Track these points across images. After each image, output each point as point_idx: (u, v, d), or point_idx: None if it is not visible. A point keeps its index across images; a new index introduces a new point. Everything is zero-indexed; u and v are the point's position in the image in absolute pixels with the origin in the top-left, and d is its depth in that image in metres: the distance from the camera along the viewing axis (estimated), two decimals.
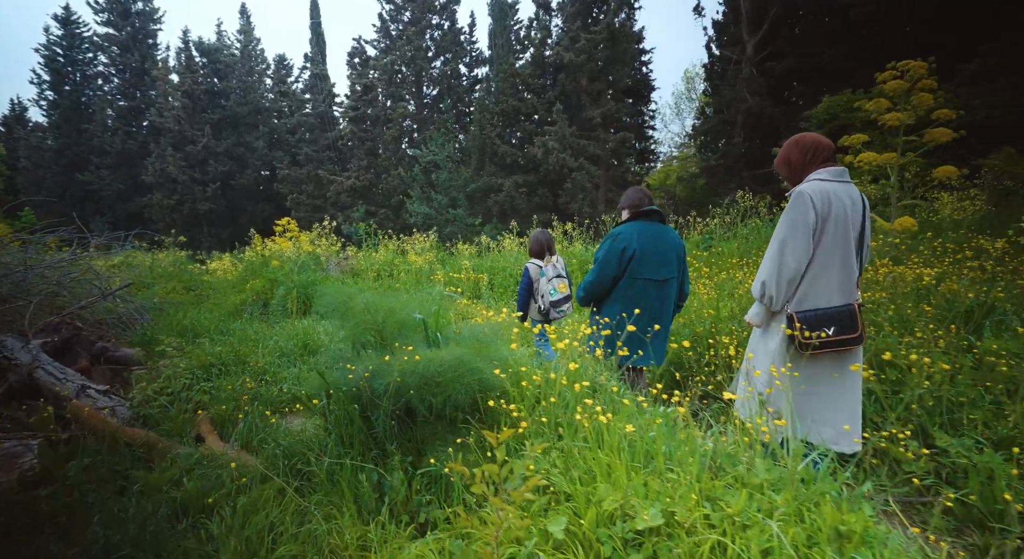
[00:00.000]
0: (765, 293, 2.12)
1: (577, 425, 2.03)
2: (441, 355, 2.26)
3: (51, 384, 3.73)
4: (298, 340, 5.10)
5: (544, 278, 3.96)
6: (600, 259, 2.91)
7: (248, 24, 30.06)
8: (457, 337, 2.74)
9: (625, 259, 2.84)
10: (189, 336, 5.55)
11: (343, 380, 2.49)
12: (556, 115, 15.73)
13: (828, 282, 2.06)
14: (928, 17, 11.83)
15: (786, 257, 2.05)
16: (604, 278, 2.90)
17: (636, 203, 2.99)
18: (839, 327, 2.01)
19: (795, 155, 2.15)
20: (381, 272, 8.50)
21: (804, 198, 2.01)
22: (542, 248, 4.08)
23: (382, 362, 2.31)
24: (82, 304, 4.96)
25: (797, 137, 2.19)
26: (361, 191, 19.69)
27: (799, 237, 2.02)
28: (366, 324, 2.58)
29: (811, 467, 1.70)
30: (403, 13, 19.89)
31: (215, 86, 25.04)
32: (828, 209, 2.00)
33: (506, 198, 16.89)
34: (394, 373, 2.19)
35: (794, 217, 2.03)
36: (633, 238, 2.85)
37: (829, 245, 2.03)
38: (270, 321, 7.37)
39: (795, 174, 2.17)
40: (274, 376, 4.28)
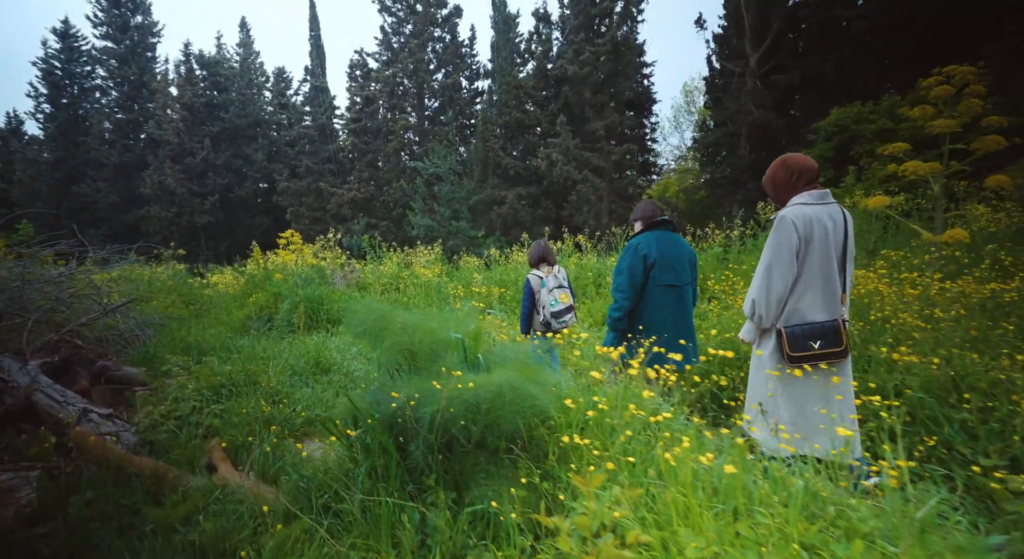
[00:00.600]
0: (755, 312, 2.27)
1: (653, 460, 1.83)
2: (491, 380, 2.05)
3: (50, 408, 3.49)
4: (309, 358, 4.87)
5: (545, 289, 3.95)
6: (625, 270, 3.01)
7: (248, 37, 30.16)
8: (495, 358, 2.53)
9: (647, 267, 2.97)
10: (194, 354, 5.31)
11: (379, 406, 2.28)
12: (560, 127, 15.68)
13: (813, 300, 2.20)
14: (931, 22, 11.89)
15: (773, 279, 2.19)
16: (634, 288, 3.00)
17: (649, 214, 3.12)
18: (824, 341, 2.16)
19: (781, 176, 2.29)
20: (388, 286, 8.29)
21: (787, 223, 2.16)
22: (542, 259, 4.08)
23: (428, 388, 2.10)
24: (83, 321, 4.72)
25: (784, 158, 2.32)
26: (362, 203, 19.53)
27: (784, 260, 2.17)
28: (402, 345, 2.37)
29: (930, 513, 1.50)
30: (405, 26, 19.94)
31: (215, 98, 24.98)
32: (811, 232, 2.14)
33: (509, 210, 16.77)
34: (442, 400, 1.98)
35: (779, 241, 2.17)
36: (652, 247, 2.97)
37: (812, 265, 2.17)
38: (276, 337, 7.13)
39: (780, 194, 2.31)
40: (287, 397, 4.05)
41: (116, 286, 9.45)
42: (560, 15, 18.86)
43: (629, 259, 3.01)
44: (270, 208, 27.15)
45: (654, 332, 2.90)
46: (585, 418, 2.36)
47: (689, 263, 3.12)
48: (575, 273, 7.79)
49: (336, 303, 7.65)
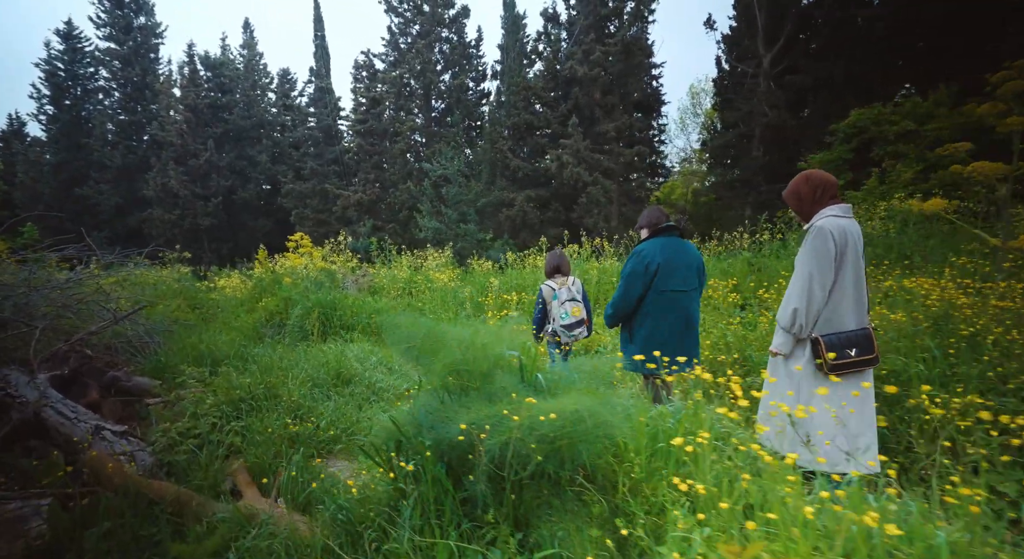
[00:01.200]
0: (795, 321, 2.28)
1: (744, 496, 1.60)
2: (564, 405, 1.81)
3: (60, 425, 3.26)
4: (329, 368, 4.63)
5: (556, 301, 3.93)
6: (626, 276, 3.07)
7: (251, 38, 30.00)
8: (553, 377, 2.29)
9: (649, 274, 3.00)
10: (207, 363, 5.08)
11: (432, 432, 2.04)
12: (571, 128, 15.47)
13: (845, 309, 2.25)
14: (936, 23, 11.69)
15: (814, 289, 2.22)
16: (630, 295, 3.05)
17: (655, 221, 3.16)
18: (859, 349, 2.21)
19: (806, 190, 2.37)
20: (402, 290, 8.05)
21: (825, 233, 2.21)
22: (556, 269, 4.06)
23: (494, 414, 1.86)
24: (93, 329, 4.49)
25: (808, 173, 2.41)
26: (368, 206, 19.31)
27: (824, 270, 2.21)
28: (455, 365, 2.13)
29: None
30: (411, 26, 19.75)
31: (219, 100, 24.79)
32: (845, 242, 2.22)
33: (518, 213, 16.54)
34: (514, 430, 1.75)
35: (817, 251, 2.22)
36: (656, 253, 3.01)
37: (846, 275, 2.23)
38: (289, 344, 6.90)
39: (805, 208, 2.38)
40: (310, 412, 3.81)
41: (120, 290, 9.24)
42: (568, 16, 18.69)
43: (632, 265, 3.07)
44: (273, 210, 26.94)
45: (659, 337, 3.00)
46: (656, 445, 2.13)
47: (696, 269, 3.14)
48: (596, 278, 7.56)
49: (349, 309, 7.42)
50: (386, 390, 4.53)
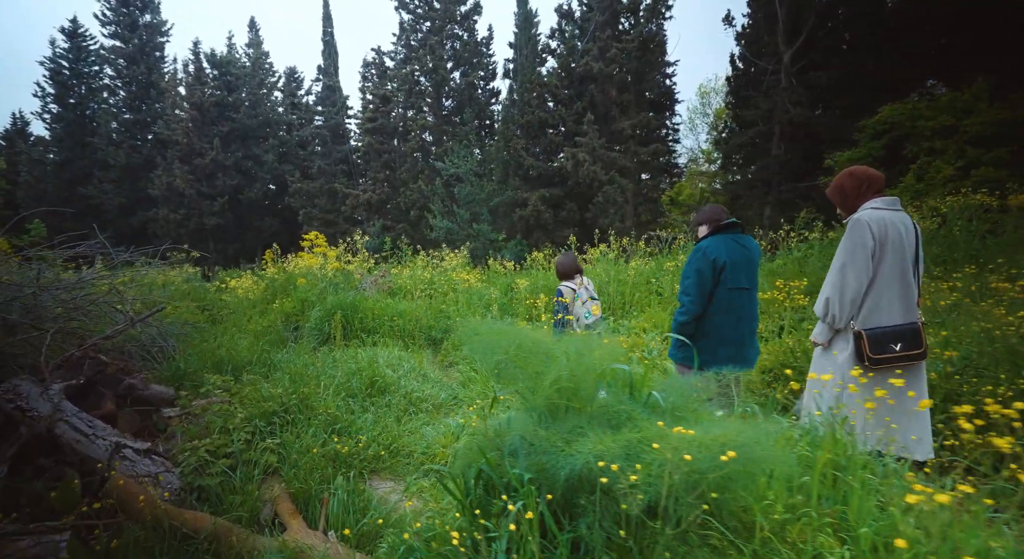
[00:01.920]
0: (828, 311, 2.29)
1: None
2: (713, 438, 1.46)
3: (76, 442, 2.91)
4: (362, 376, 4.28)
5: (578, 300, 4.01)
6: (693, 275, 2.94)
7: (257, 37, 29.71)
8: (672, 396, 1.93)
9: (717, 270, 2.91)
10: (227, 369, 4.73)
11: (533, 464, 1.69)
12: (587, 126, 15.12)
13: (890, 301, 2.21)
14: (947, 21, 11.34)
15: (847, 278, 2.22)
16: (703, 294, 2.93)
17: (716, 217, 3.09)
18: (904, 343, 2.16)
19: (849, 185, 2.36)
20: (423, 291, 7.70)
21: (862, 224, 2.21)
22: (572, 271, 4.12)
23: (629, 444, 1.50)
24: (108, 333, 4.14)
25: (851, 169, 2.41)
26: (377, 205, 18.97)
27: (859, 260, 2.20)
28: (562, 383, 1.77)
29: None
30: (423, 23, 19.41)
31: (225, 98, 24.49)
32: (885, 234, 2.19)
33: (532, 213, 16.19)
34: (668, 469, 1.39)
35: (853, 242, 2.22)
36: (721, 250, 2.92)
37: (888, 267, 2.20)
38: (307, 347, 6.57)
39: (849, 203, 2.37)
40: (349, 426, 3.46)
41: (132, 292, 8.89)
42: (581, 13, 18.35)
43: (698, 263, 2.96)
44: (279, 210, 26.63)
45: (725, 335, 2.93)
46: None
47: (756, 266, 3.11)
48: (632, 279, 7.22)
49: (371, 311, 7.07)
50: (424, 400, 4.18)
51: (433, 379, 4.72)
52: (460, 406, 4.10)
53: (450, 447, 3.27)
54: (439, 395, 4.31)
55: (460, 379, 4.61)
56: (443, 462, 3.20)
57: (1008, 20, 10.41)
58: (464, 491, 1.99)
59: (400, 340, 6.80)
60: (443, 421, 3.77)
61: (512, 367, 1.88)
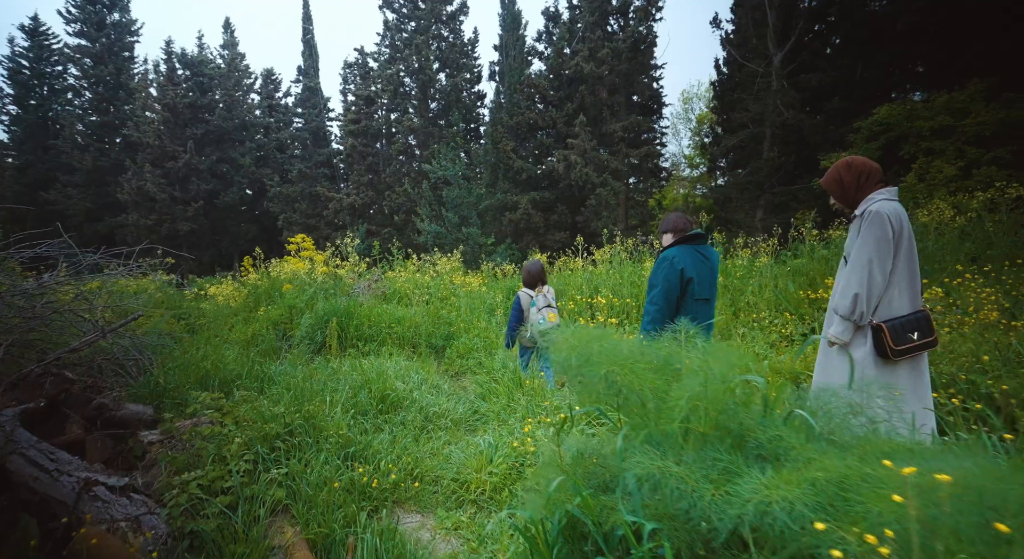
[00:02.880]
0: (857, 308, 2.22)
1: None
2: (970, 479, 1.06)
3: (35, 480, 2.37)
4: (371, 390, 3.79)
5: (534, 307, 4.06)
6: (661, 283, 2.96)
7: (232, 38, 28.80)
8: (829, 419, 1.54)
9: (684, 281, 2.94)
10: (214, 384, 4.19)
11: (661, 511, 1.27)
12: (579, 127, 14.86)
13: (902, 292, 2.22)
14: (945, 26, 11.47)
15: (875, 274, 2.18)
16: (670, 303, 2.96)
17: (681, 227, 3.11)
18: (920, 332, 2.18)
19: (848, 177, 2.32)
20: (429, 297, 7.22)
21: (883, 218, 2.16)
22: (535, 278, 4.17)
23: (848, 493, 1.08)
24: (75, 345, 3.58)
25: (848, 160, 2.36)
26: (361, 209, 18.35)
27: (884, 254, 2.17)
28: (695, 404, 1.36)
29: None
30: (408, 23, 18.96)
31: (198, 100, 23.55)
32: (901, 226, 2.18)
33: (522, 216, 15.83)
34: (912, 529, 0.98)
35: (876, 236, 2.17)
36: (688, 261, 2.95)
37: (903, 259, 2.20)
38: (300, 358, 6.03)
39: (848, 195, 2.34)
40: (365, 448, 2.99)
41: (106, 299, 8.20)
42: (570, 15, 18.19)
43: (665, 272, 2.96)
44: (258, 216, 25.72)
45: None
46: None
47: (716, 277, 3.16)
48: (629, 281, 6.88)
49: (367, 318, 6.57)
50: (441, 416, 3.72)
51: (447, 391, 4.25)
52: (484, 422, 3.65)
53: (484, 472, 2.83)
54: (457, 409, 3.85)
55: (477, 391, 4.16)
56: (478, 490, 2.76)
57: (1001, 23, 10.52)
58: (547, 542, 1.56)
59: (401, 348, 6.32)
60: (468, 439, 3.32)
61: (613, 382, 1.46)
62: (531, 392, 3.74)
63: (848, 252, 2.32)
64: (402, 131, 18.15)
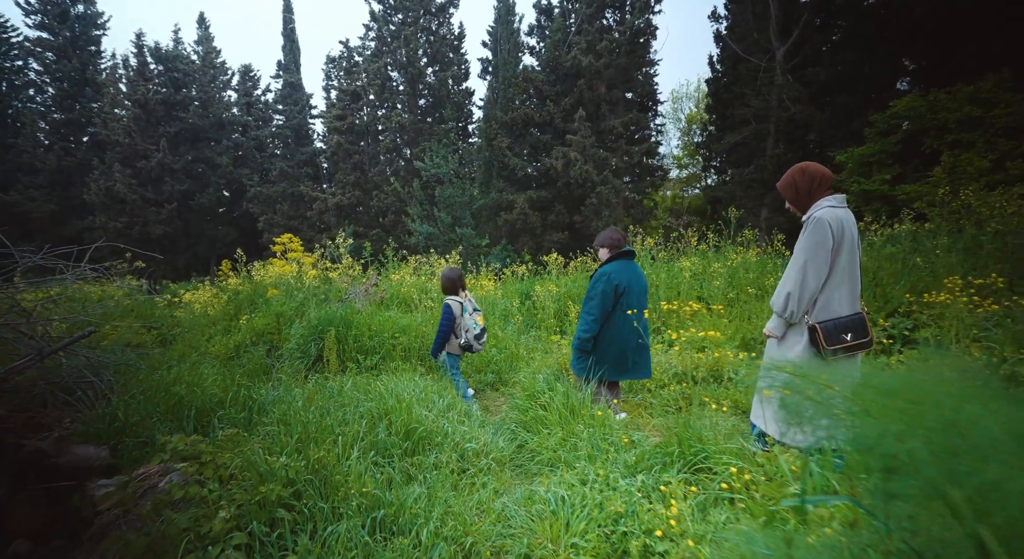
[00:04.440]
0: (787, 306, 2.36)
1: None
2: None
3: None
4: (393, 424, 3.00)
5: (466, 314, 4.10)
6: (598, 297, 3.31)
7: (207, 33, 27.52)
8: None
9: (617, 294, 3.32)
10: (189, 414, 3.36)
11: None
12: (579, 123, 14.21)
13: (841, 296, 2.33)
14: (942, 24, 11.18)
15: (808, 276, 2.31)
16: (604, 314, 3.34)
17: (616, 244, 3.47)
18: (854, 333, 2.31)
19: (802, 182, 2.41)
20: (436, 302, 6.43)
21: (824, 224, 2.27)
22: (456, 285, 4.20)
23: None
24: (3, 372, 2.75)
25: (803, 165, 2.45)
26: (347, 209, 17.41)
27: (820, 259, 2.28)
28: None
29: None
30: (395, 15, 18.09)
31: (172, 96, 22.28)
32: (842, 233, 2.29)
33: (519, 216, 15.10)
34: None
35: (816, 241, 2.28)
36: (623, 276, 3.33)
37: (842, 264, 2.30)
38: (293, 375, 5.20)
39: (801, 198, 2.43)
40: (397, 511, 2.21)
41: (55, 309, 7.20)
42: (562, 8, 17.58)
43: (603, 287, 3.30)
44: (237, 218, 24.49)
45: (623, 353, 3.37)
46: None
47: (646, 290, 3.52)
48: (667, 283, 6.21)
49: (367, 327, 5.76)
50: (480, 453, 2.96)
51: (478, 417, 3.49)
52: (537, 461, 2.90)
53: (563, 544, 2.08)
54: (497, 444, 3.09)
55: (517, 418, 3.40)
56: None
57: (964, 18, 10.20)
58: None
59: (407, 361, 5.53)
60: (524, 489, 2.57)
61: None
62: (592, 421, 3.01)
63: None
64: (390, 128, 17.27)
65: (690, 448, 2.42)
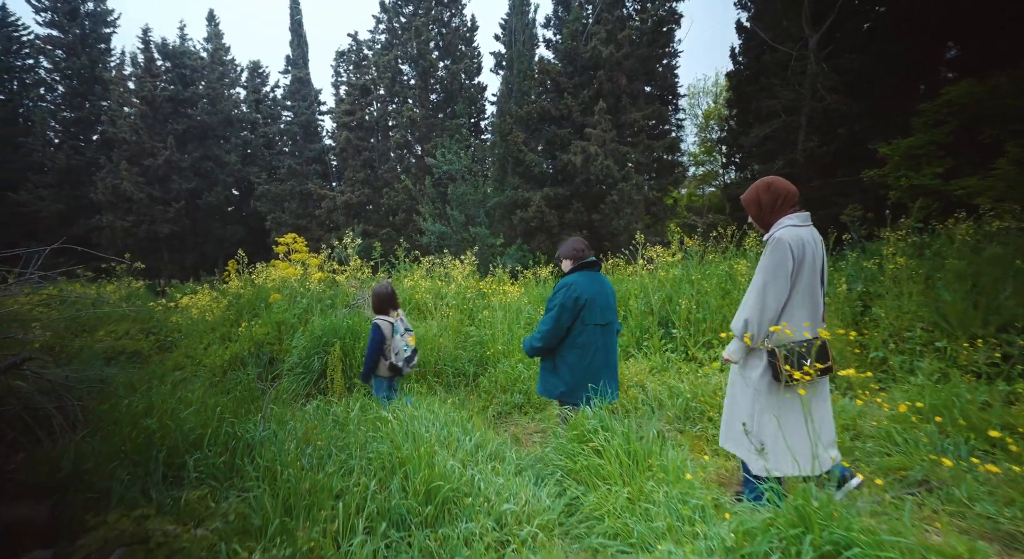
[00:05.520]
0: (747, 330, 2.25)
1: None
2: None
3: None
4: (411, 483, 2.36)
5: (397, 334, 3.91)
6: (556, 308, 3.15)
7: (216, 30, 27.16)
8: None
9: (578, 307, 3.13)
10: (156, 461, 2.73)
11: None
12: (599, 115, 13.49)
13: (801, 319, 2.24)
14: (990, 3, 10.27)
15: (767, 299, 2.20)
16: (560, 325, 3.16)
17: (579, 255, 3.30)
18: (816, 359, 2.18)
19: (767, 199, 2.31)
20: (456, 308, 5.78)
21: (784, 245, 2.18)
22: (386, 304, 3.99)
23: None
24: None
25: (769, 181, 2.33)
26: (356, 208, 16.85)
27: (780, 281, 2.19)
28: None
29: None
30: (406, 6, 17.45)
31: (180, 93, 21.88)
32: (803, 253, 2.20)
33: (535, 214, 14.42)
34: None
35: (776, 262, 2.19)
36: (584, 287, 3.15)
37: (802, 285, 2.22)
38: (290, 398, 4.60)
39: (764, 215, 2.34)
40: None
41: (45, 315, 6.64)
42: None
43: (561, 299, 3.15)
44: (244, 217, 24.09)
45: (587, 368, 3.18)
46: None
47: (614, 302, 3.36)
48: (718, 288, 5.51)
49: None
50: (523, 518, 2.30)
51: (515, 461, 2.83)
52: (594, 531, 2.24)
53: None
54: (541, 501, 2.43)
55: (564, 464, 2.73)
56: None
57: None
58: None
59: (423, 377, 4.90)
60: None
61: None
62: (664, 475, 2.34)
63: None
64: (400, 123, 16.66)
65: (821, 531, 1.74)
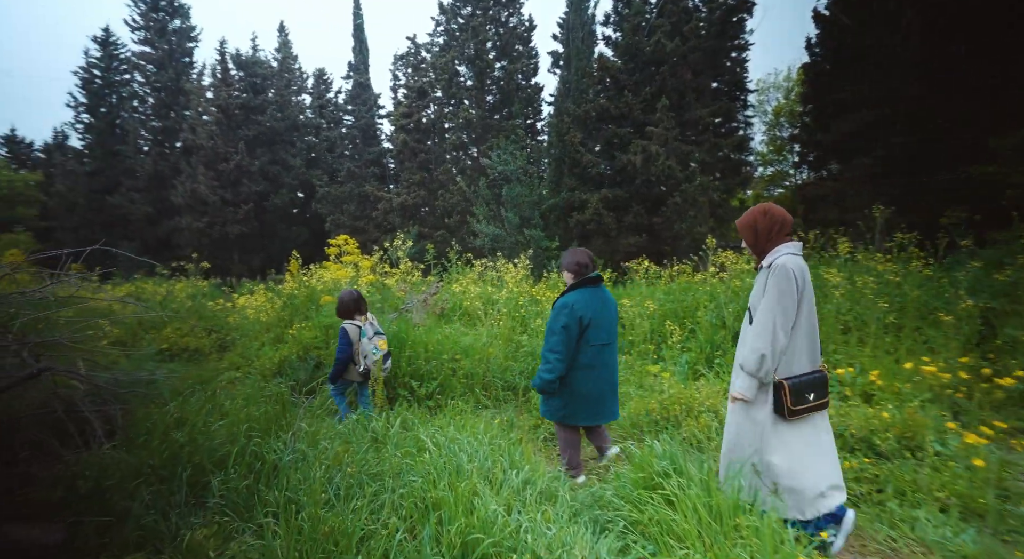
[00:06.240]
0: (763, 366, 2.14)
1: None
2: None
3: None
4: (440, 520, 2.03)
5: (365, 338, 3.87)
6: (560, 332, 2.95)
7: (286, 40, 28.55)
8: None
9: (583, 328, 2.96)
10: (180, 480, 2.55)
11: None
12: (661, 112, 12.78)
13: (802, 350, 2.18)
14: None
15: (779, 334, 2.11)
16: (570, 349, 2.96)
17: (581, 270, 3.09)
18: (816, 393, 2.15)
19: (763, 225, 2.25)
20: (506, 314, 5.45)
21: (789, 274, 2.12)
22: (351, 309, 4.00)
23: None
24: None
25: (765, 207, 2.28)
26: (412, 209, 16.98)
27: (788, 311, 2.12)
28: None
29: None
30: (464, 7, 17.45)
31: (251, 101, 23.11)
32: (804, 282, 2.16)
33: (592, 217, 13.89)
34: None
35: (782, 291, 2.12)
36: (587, 307, 2.97)
37: (803, 316, 2.16)
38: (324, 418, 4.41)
39: (760, 242, 2.28)
40: None
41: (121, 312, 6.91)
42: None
43: (565, 320, 2.96)
44: (308, 219, 25.09)
45: (591, 391, 3.02)
46: None
47: (616, 320, 3.18)
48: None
49: (424, 346, 4.86)
50: None
51: (569, 504, 2.42)
52: None
53: None
54: (600, 556, 2.02)
55: (627, 512, 2.30)
56: None
57: None
58: None
59: (470, 391, 4.58)
60: None
61: None
62: (754, 536, 1.87)
63: (753, 304, 2.25)
64: (457, 125, 16.63)
65: None
